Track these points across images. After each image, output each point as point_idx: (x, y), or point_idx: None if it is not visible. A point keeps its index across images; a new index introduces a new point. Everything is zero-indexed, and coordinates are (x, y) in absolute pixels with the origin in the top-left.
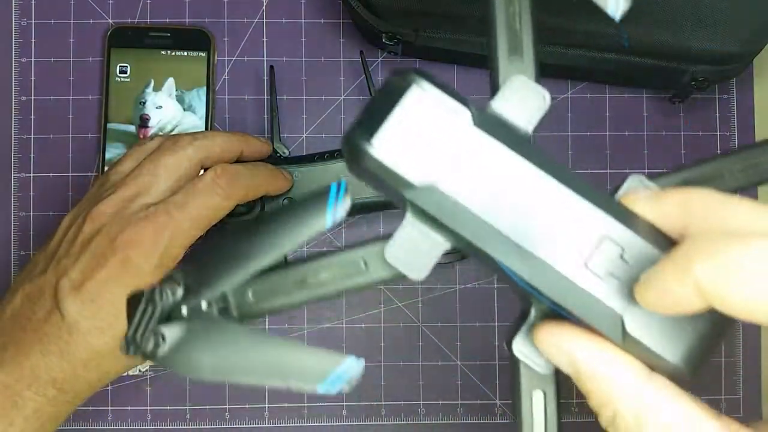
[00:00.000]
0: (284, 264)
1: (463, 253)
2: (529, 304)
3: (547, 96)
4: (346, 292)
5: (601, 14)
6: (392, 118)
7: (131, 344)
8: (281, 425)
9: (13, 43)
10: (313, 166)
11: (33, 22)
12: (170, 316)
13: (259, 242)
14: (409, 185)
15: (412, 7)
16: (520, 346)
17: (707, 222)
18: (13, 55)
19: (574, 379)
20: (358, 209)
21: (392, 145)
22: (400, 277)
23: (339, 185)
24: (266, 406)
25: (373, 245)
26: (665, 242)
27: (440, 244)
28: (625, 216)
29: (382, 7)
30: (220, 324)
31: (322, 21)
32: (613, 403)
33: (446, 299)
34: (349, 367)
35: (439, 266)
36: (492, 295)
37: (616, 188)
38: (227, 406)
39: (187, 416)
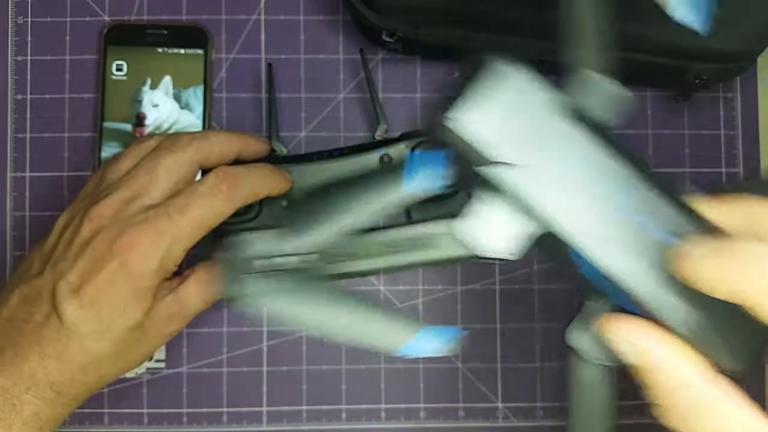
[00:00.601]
0: (364, 232)
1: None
2: (588, 297)
3: (628, 93)
4: (424, 265)
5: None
6: (480, 98)
7: (227, 282)
8: (279, 428)
9: (10, 41)
10: (311, 165)
11: (29, 19)
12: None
13: (350, 201)
14: (492, 164)
15: (412, 4)
16: (577, 338)
17: (765, 229)
18: (10, 53)
19: (638, 370)
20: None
21: (478, 124)
22: (471, 257)
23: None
24: (264, 409)
25: (444, 222)
26: None
27: (518, 224)
28: (696, 217)
29: (382, 3)
30: (310, 277)
31: (321, 18)
32: (675, 396)
33: (447, 300)
34: (425, 340)
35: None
36: (494, 297)
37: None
38: (225, 410)
39: (184, 419)
